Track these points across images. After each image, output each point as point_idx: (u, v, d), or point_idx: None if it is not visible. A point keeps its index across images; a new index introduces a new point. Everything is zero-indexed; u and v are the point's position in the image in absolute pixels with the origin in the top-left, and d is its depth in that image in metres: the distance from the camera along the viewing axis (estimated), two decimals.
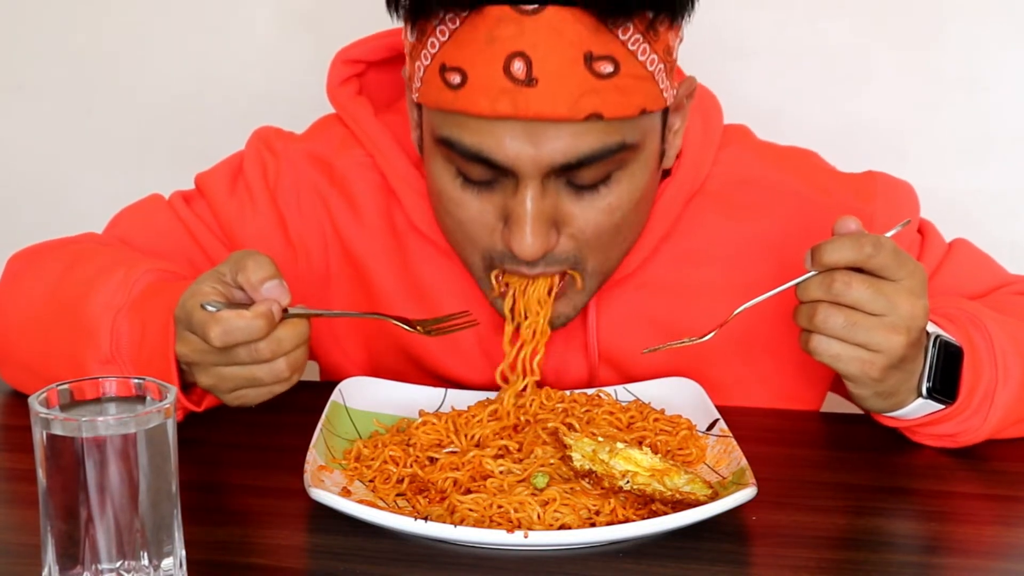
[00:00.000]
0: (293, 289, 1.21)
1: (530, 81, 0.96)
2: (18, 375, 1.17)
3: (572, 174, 1.01)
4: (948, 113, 1.71)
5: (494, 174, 1.02)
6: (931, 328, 1.03)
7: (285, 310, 0.95)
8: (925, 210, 1.23)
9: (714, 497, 0.91)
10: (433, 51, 1.00)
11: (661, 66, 1.01)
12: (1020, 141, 1.71)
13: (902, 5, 1.69)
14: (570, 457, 0.95)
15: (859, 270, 0.96)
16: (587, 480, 0.95)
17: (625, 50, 0.98)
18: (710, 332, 1.02)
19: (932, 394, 1.03)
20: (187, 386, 1.04)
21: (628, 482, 0.92)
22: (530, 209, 1.01)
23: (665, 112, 1.07)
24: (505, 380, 1.11)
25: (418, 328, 1.03)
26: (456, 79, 0.98)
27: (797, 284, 0.98)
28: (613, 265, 1.11)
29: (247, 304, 0.95)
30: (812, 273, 0.97)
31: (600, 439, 0.97)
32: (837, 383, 1.28)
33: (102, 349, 1.04)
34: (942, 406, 1.04)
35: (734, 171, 1.19)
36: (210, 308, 0.93)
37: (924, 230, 1.23)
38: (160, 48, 1.84)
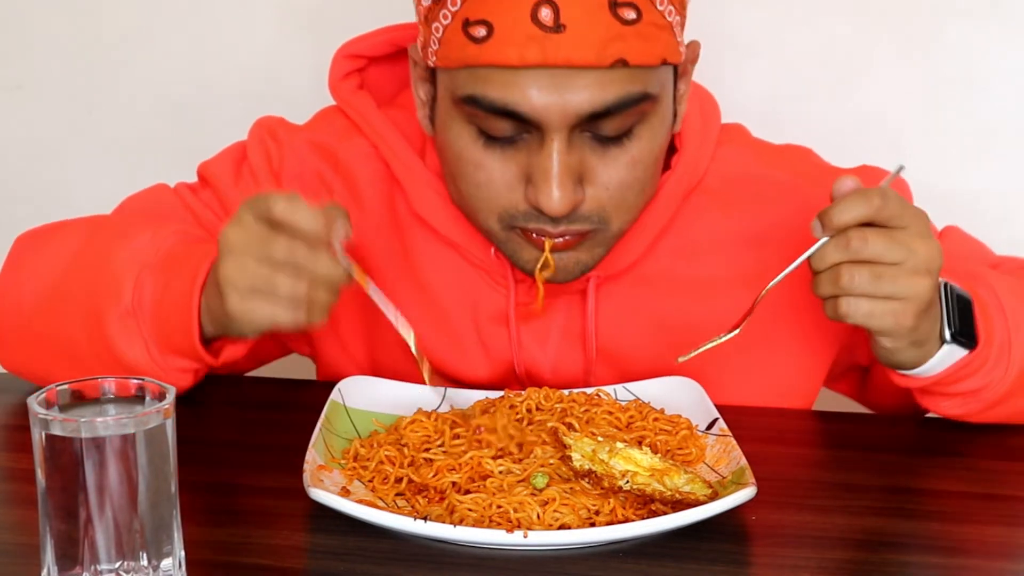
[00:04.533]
0: None
1: (558, 28, 0.97)
2: (23, 355, 1.15)
3: (597, 126, 1.02)
4: (948, 113, 1.71)
5: (519, 129, 1.02)
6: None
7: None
8: (925, 209, 1.23)
9: (714, 497, 0.91)
10: (455, 8, 1.01)
11: (677, 18, 1.04)
12: (1020, 141, 1.71)
13: (902, 4, 1.69)
14: (570, 457, 0.95)
15: (866, 227, 0.97)
16: (587, 480, 0.95)
17: None
18: (736, 327, 1.03)
19: (955, 338, 1.03)
20: (205, 342, 1.04)
21: (628, 482, 0.92)
22: (556, 163, 1.01)
23: (676, 70, 1.09)
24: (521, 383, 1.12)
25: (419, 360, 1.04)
26: (481, 32, 0.99)
27: (812, 255, 0.98)
28: (629, 225, 1.11)
29: None
30: (824, 240, 0.97)
31: (600, 439, 0.97)
32: (832, 378, 1.28)
33: (123, 302, 1.04)
34: (966, 352, 1.04)
35: (731, 167, 1.20)
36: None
37: None
38: (160, 48, 1.84)
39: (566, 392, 1.12)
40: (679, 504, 0.92)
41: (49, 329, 1.11)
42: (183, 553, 0.82)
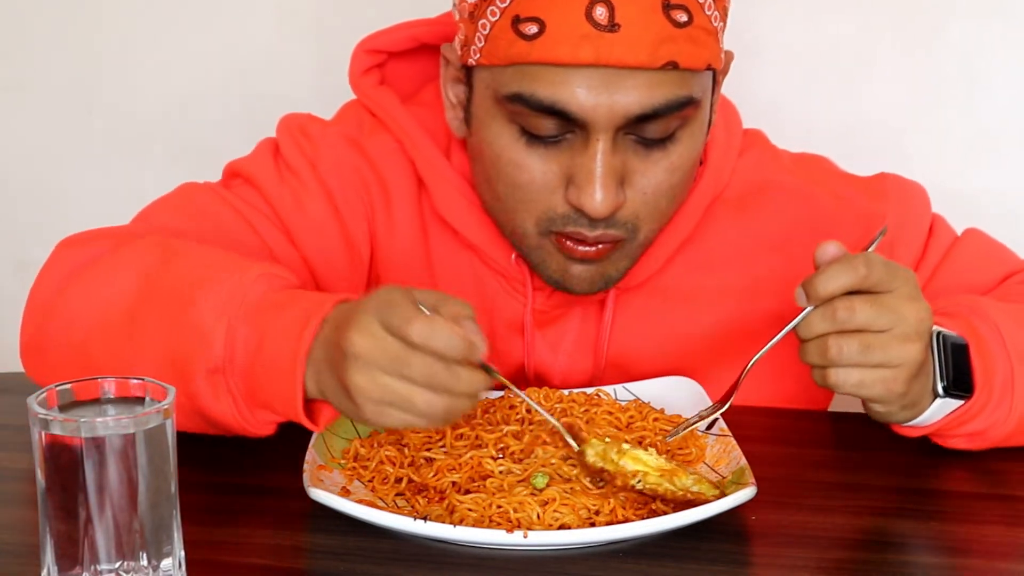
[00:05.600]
0: (348, 281, 1.17)
1: (612, 27, 0.97)
2: (74, 374, 0.98)
3: (642, 129, 1.02)
4: (950, 112, 1.71)
5: (563, 129, 1.02)
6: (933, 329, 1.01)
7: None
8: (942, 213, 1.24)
9: (721, 497, 0.91)
10: (504, 5, 1.00)
11: (721, 24, 1.04)
12: (1020, 141, 1.71)
13: (904, 4, 1.69)
14: (584, 453, 0.95)
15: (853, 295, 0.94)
16: (600, 480, 0.94)
17: (696, 1, 1.00)
18: (723, 403, 1.00)
19: (948, 392, 1.01)
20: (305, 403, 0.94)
21: (640, 482, 0.92)
22: (601, 164, 1.01)
23: (715, 75, 1.08)
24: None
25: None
26: (532, 29, 0.99)
27: (796, 323, 0.95)
28: (654, 235, 1.10)
29: None
30: (809, 309, 0.95)
31: (607, 440, 0.97)
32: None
33: (214, 356, 0.94)
34: (961, 402, 1.01)
35: (750, 176, 1.20)
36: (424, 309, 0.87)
37: (934, 225, 1.22)
38: (160, 48, 1.84)
39: (566, 392, 1.12)
40: (679, 504, 0.92)
41: (113, 362, 1.00)
42: (183, 553, 0.82)
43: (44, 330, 1.05)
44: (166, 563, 0.80)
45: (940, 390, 1.00)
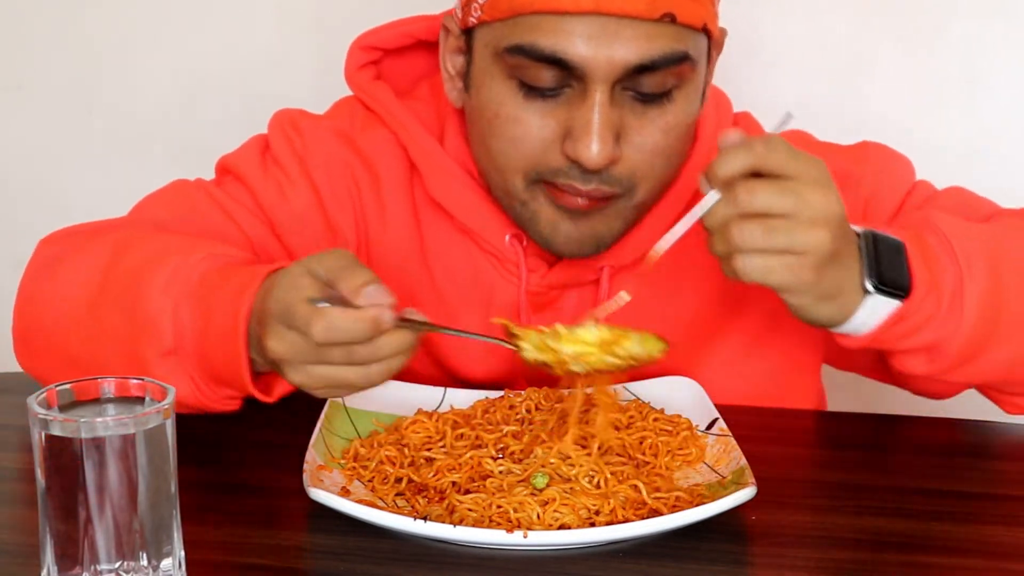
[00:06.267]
0: None
1: None
2: (61, 369, 1.09)
3: (639, 83, 1.03)
4: (948, 113, 1.71)
5: (562, 80, 1.03)
6: (861, 229, 0.99)
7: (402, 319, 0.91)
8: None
9: (666, 349, 0.92)
10: None
11: None
12: (1020, 141, 1.71)
13: (903, 5, 1.69)
14: (520, 348, 0.94)
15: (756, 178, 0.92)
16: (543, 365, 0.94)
17: None
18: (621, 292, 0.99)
19: (880, 289, 0.97)
20: (255, 374, 0.99)
21: (580, 365, 0.92)
22: (598, 114, 1.02)
23: (709, 47, 1.10)
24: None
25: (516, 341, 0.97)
26: None
27: (702, 213, 0.93)
28: (651, 198, 1.11)
29: (346, 302, 0.90)
30: (713, 197, 0.93)
31: (544, 329, 0.95)
32: (829, 354, 1.26)
33: (164, 342, 0.99)
34: (897, 302, 0.97)
35: None
36: (320, 304, 0.89)
37: (916, 186, 1.22)
38: (160, 48, 1.84)
39: (566, 391, 1.12)
40: (678, 503, 0.92)
41: (85, 355, 1.06)
42: (183, 553, 0.82)
43: (26, 322, 1.13)
44: (166, 563, 0.80)
45: (869, 286, 0.97)
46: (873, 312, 0.98)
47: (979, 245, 1.01)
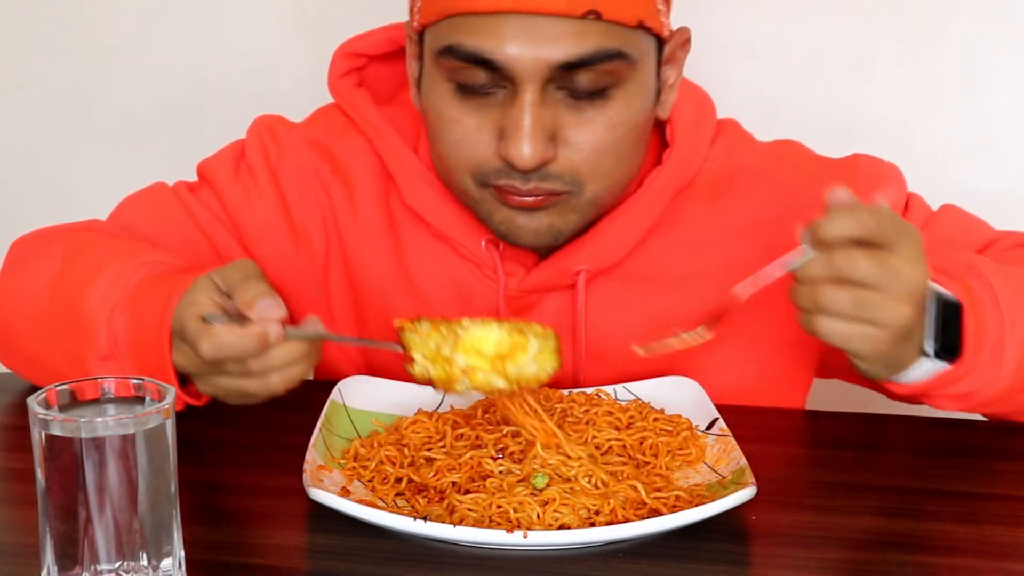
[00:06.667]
0: (295, 279, 1.21)
1: None
2: (23, 366, 1.17)
3: (571, 81, 1.03)
4: (948, 113, 1.71)
5: (495, 82, 1.03)
6: (930, 289, 0.99)
7: (289, 326, 0.94)
8: (914, 227, 1.23)
9: (558, 369, 0.94)
10: None
11: None
12: (1020, 141, 1.71)
13: (903, 5, 1.69)
14: (412, 360, 0.94)
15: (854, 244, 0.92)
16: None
17: None
18: (705, 325, 1.00)
19: (938, 354, 0.99)
20: (186, 382, 1.04)
21: (465, 385, 0.92)
22: (528, 114, 1.02)
23: (660, 46, 1.09)
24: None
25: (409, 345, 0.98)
26: None
27: (795, 264, 0.93)
28: (609, 196, 1.11)
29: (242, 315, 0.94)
30: (808, 251, 0.93)
31: (443, 328, 0.94)
32: (825, 368, 1.27)
33: (100, 347, 1.04)
34: (949, 365, 1.00)
35: (723, 163, 1.21)
36: (214, 321, 0.93)
37: (909, 201, 1.22)
38: (160, 47, 1.84)
39: (566, 392, 1.12)
40: (678, 504, 0.92)
41: (38, 353, 1.12)
42: (183, 553, 0.82)
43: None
44: (166, 563, 0.80)
45: (930, 351, 0.99)
46: (923, 370, 1.01)
47: (1017, 293, 1.03)
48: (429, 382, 0.94)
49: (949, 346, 0.99)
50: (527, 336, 0.94)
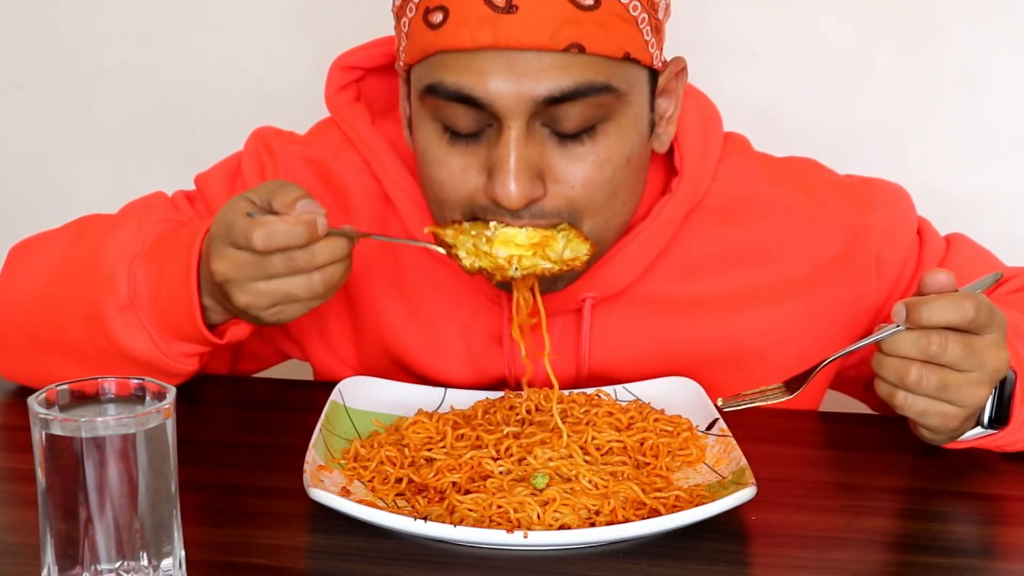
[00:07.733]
0: None
1: (510, 8, 0.97)
2: (21, 358, 1.16)
3: (556, 117, 1.01)
4: (948, 113, 1.71)
5: (479, 121, 1.02)
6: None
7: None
8: (925, 210, 1.23)
9: (591, 250, 1.00)
10: (416, 0, 1.02)
11: (645, 16, 1.02)
12: (1020, 141, 1.71)
13: (903, 5, 1.69)
14: (458, 256, 0.97)
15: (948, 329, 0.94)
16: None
17: None
18: (793, 391, 1.01)
19: (992, 423, 1.03)
20: (209, 325, 1.06)
21: (516, 268, 0.94)
22: (513, 152, 1.00)
23: (654, 76, 1.07)
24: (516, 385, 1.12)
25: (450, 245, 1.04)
26: (438, 17, 1.00)
27: (884, 337, 0.95)
28: (610, 234, 1.09)
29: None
30: (900, 328, 0.94)
31: (473, 233, 0.98)
32: (837, 383, 1.28)
33: (120, 296, 1.05)
34: (997, 431, 1.04)
35: (732, 187, 1.18)
36: (253, 215, 0.96)
37: (922, 230, 1.22)
38: (160, 48, 1.84)
39: (566, 392, 1.12)
40: (678, 504, 0.92)
41: (47, 330, 1.12)
42: (183, 553, 0.82)
43: None
44: (166, 563, 0.80)
45: (985, 421, 1.03)
46: (971, 434, 1.04)
47: None
48: (480, 272, 0.97)
49: (1001, 416, 1.03)
50: (554, 233, 0.97)
